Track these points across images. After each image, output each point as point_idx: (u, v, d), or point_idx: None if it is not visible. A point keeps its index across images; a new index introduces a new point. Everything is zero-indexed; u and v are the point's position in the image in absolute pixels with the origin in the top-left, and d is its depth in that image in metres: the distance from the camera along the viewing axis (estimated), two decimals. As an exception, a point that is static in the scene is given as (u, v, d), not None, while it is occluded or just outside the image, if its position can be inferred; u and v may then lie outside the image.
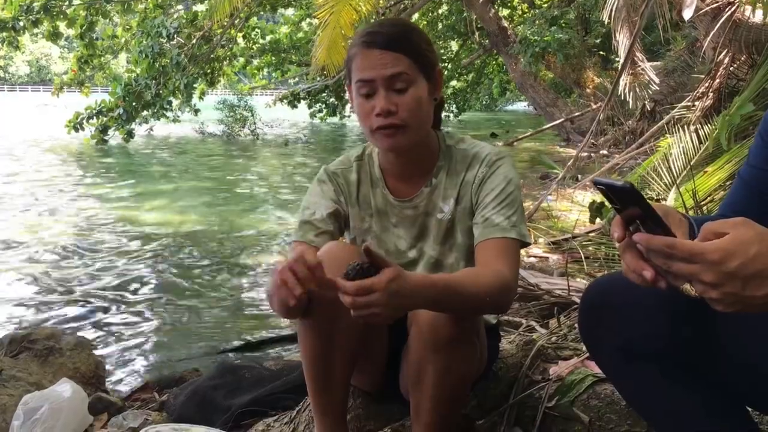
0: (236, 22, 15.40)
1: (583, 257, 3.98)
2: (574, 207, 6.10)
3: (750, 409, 1.25)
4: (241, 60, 19.02)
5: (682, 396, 1.17)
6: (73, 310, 4.20)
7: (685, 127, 5.72)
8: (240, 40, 18.11)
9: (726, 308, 0.88)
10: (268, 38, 19.32)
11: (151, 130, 17.22)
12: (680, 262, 0.88)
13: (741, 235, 0.87)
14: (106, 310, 4.21)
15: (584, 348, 2.09)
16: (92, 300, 4.40)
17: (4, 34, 14.07)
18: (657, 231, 0.91)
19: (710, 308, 0.90)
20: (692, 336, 1.15)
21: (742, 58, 6.93)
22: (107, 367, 2.81)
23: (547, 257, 4.43)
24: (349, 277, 1.21)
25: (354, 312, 1.21)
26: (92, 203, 8.22)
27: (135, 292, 4.61)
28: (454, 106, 23.63)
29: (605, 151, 10.60)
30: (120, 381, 3.13)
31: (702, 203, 4.28)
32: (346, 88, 1.64)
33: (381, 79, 1.50)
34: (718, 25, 6.60)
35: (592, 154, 10.18)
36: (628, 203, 0.93)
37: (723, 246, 0.86)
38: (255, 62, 19.71)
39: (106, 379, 2.72)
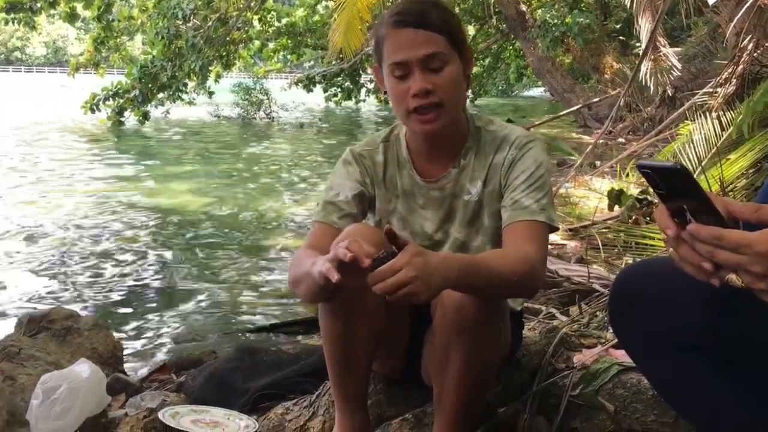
0: (252, 4, 15.37)
1: (600, 245, 3.93)
2: (591, 194, 6.04)
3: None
4: (257, 43, 18.96)
5: (723, 388, 1.14)
6: (91, 291, 4.21)
7: (707, 113, 5.63)
8: (256, 22, 18.04)
9: None
10: (283, 21, 19.23)
11: (167, 112, 17.25)
12: (727, 252, 0.85)
13: None
14: (123, 291, 4.22)
15: (608, 336, 2.06)
16: (110, 281, 4.41)
17: (21, 15, 14.11)
18: (707, 218, 0.87)
19: (752, 303, 0.87)
20: (733, 330, 1.11)
21: (767, 44, 6.80)
22: (125, 347, 2.81)
23: (564, 244, 4.40)
24: (377, 266, 1.19)
25: (389, 297, 1.18)
26: (109, 185, 8.25)
27: (152, 273, 4.62)
28: (470, 91, 23.46)
29: (622, 139, 10.50)
30: (138, 362, 3.13)
31: (726, 191, 4.22)
32: (372, 71, 1.61)
33: (416, 60, 1.47)
34: (742, 10, 6.48)
35: (609, 141, 10.08)
36: (675, 187, 0.88)
37: None
38: (271, 45, 19.66)
39: (124, 360, 2.71)
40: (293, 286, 1.48)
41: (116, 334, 2.92)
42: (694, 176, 0.87)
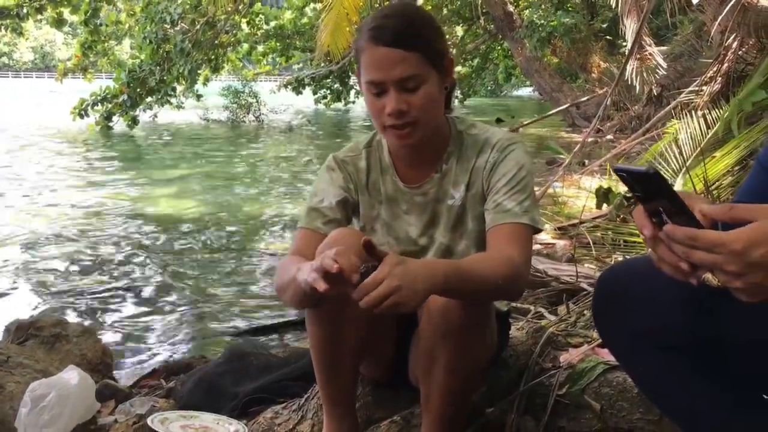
0: (240, 7, 15.34)
1: (591, 243, 3.95)
2: (580, 192, 6.06)
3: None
4: (246, 46, 18.96)
5: (701, 388, 1.16)
6: (79, 298, 4.20)
7: (693, 112, 5.66)
8: (244, 25, 18.04)
9: (750, 298, 0.87)
10: (272, 24, 19.25)
11: (155, 116, 17.20)
12: (702, 252, 0.86)
13: (764, 223, 0.85)
14: (112, 297, 4.21)
15: (595, 335, 2.07)
16: (99, 287, 4.39)
17: (8, 21, 14.05)
18: (682, 219, 0.88)
19: (726, 304, 0.89)
20: (708, 331, 1.13)
21: (751, 42, 6.83)
22: (114, 354, 2.80)
23: (554, 243, 4.41)
24: (360, 281, 1.19)
25: (375, 309, 1.18)
26: (97, 190, 8.21)
27: (141, 278, 4.61)
28: (459, 92, 23.51)
29: (611, 137, 10.53)
30: (127, 368, 3.13)
31: (711, 188, 4.24)
32: (355, 75, 1.61)
33: (391, 81, 1.46)
34: (726, 8, 6.52)
35: (598, 140, 10.11)
36: (650, 190, 0.90)
37: (746, 235, 0.85)
38: (259, 48, 19.66)
39: (114, 366, 2.71)
40: (280, 292, 1.49)
41: (105, 340, 2.93)
42: (668, 180, 0.89)
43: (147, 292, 4.33)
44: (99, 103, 14.84)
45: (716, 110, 5.46)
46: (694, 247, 0.87)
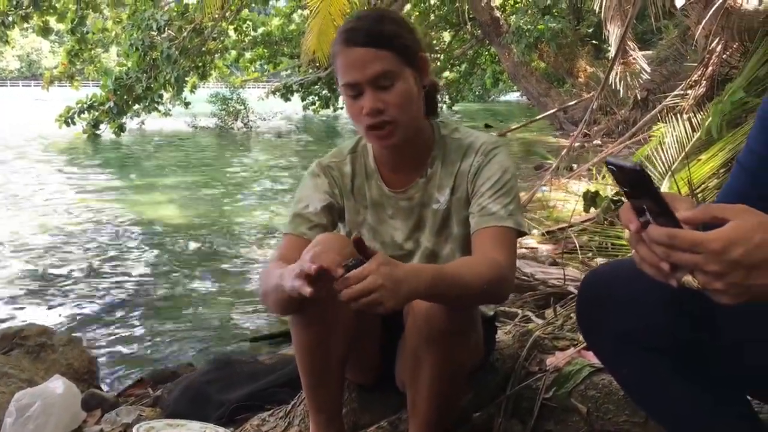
0: (227, 14, 15.32)
1: (577, 246, 3.96)
2: (569, 196, 6.09)
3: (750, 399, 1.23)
4: (233, 53, 18.94)
5: (682, 389, 1.16)
6: (66, 307, 4.17)
7: (679, 115, 5.70)
8: (231, 32, 18.03)
9: (731, 300, 0.86)
10: (259, 30, 19.25)
11: (143, 123, 17.15)
12: (682, 252, 0.86)
13: (743, 222, 0.85)
14: (99, 306, 4.19)
15: (581, 338, 2.08)
16: (85, 296, 4.37)
17: (-6, 29, 13.99)
18: (665, 220, 0.88)
19: (705, 307, 0.88)
20: (689, 333, 1.13)
21: (735, 46, 6.91)
22: (101, 363, 2.79)
23: (537, 247, 4.42)
24: (345, 273, 1.19)
25: (353, 304, 1.18)
26: (85, 198, 8.17)
27: (128, 286, 4.59)
28: (447, 96, 23.58)
29: (598, 141, 10.60)
30: (114, 377, 3.11)
31: (696, 191, 4.27)
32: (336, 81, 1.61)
33: (365, 80, 1.47)
34: (710, 12, 6.59)
35: (585, 144, 10.17)
36: (636, 187, 0.90)
37: (725, 235, 0.84)
38: (247, 55, 19.65)
39: (100, 375, 2.69)
40: (264, 298, 1.48)
41: (92, 350, 2.91)
42: (653, 180, 0.89)
43: (133, 300, 4.31)
44: (85, 111, 14.79)
45: (701, 113, 5.50)
46: (673, 247, 0.87)
